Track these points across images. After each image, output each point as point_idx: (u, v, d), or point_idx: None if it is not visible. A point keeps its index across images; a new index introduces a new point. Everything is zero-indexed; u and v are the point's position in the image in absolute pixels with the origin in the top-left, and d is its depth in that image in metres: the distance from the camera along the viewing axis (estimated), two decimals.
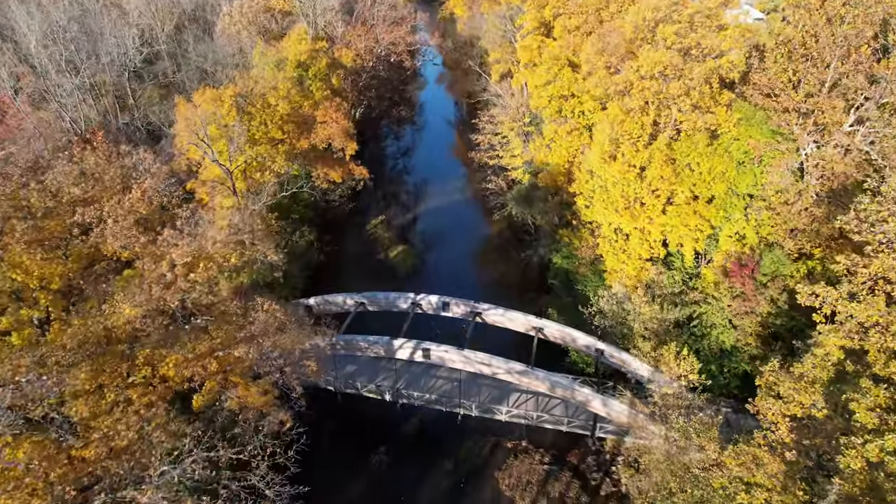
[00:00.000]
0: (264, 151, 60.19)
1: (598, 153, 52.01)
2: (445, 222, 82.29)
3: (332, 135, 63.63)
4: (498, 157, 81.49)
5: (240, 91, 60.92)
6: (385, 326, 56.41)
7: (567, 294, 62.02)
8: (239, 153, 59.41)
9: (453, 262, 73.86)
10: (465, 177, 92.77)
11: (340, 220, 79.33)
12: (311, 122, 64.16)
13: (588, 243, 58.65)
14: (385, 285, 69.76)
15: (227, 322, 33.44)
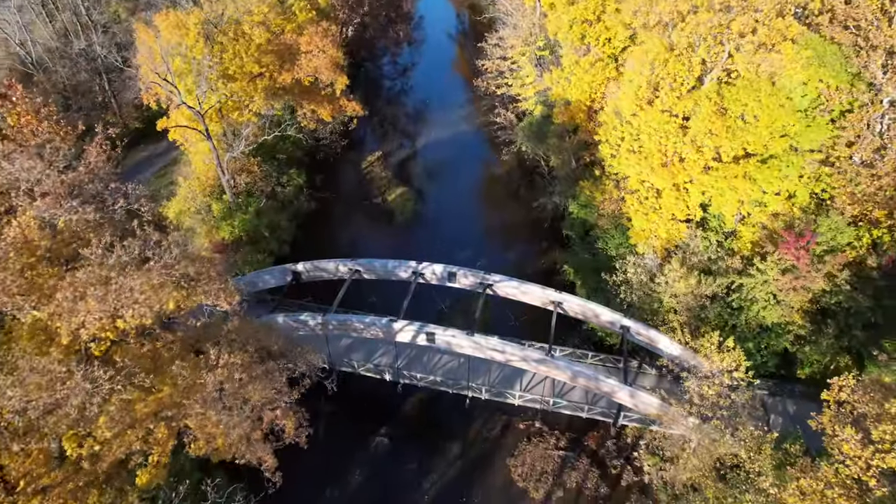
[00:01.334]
0: (240, 89, 51.24)
1: (630, 97, 43.46)
2: (448, 160, 73.99)
3: (319, 67, 54.28)
4: (507, 85, 71.94)
5: (207, 17, 51.09)
6: (383, 298, 50.28)
7: (585, 249, 55.24)
8: (210, 91, 50.55)
9: (457, 208, 66.43)
10: (470, 105, 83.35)
11: (332, 159, 71.07)
12: (294, 53, 54.57)
13: (612, 197, 51.13)
14: (382, 235, 63.17)
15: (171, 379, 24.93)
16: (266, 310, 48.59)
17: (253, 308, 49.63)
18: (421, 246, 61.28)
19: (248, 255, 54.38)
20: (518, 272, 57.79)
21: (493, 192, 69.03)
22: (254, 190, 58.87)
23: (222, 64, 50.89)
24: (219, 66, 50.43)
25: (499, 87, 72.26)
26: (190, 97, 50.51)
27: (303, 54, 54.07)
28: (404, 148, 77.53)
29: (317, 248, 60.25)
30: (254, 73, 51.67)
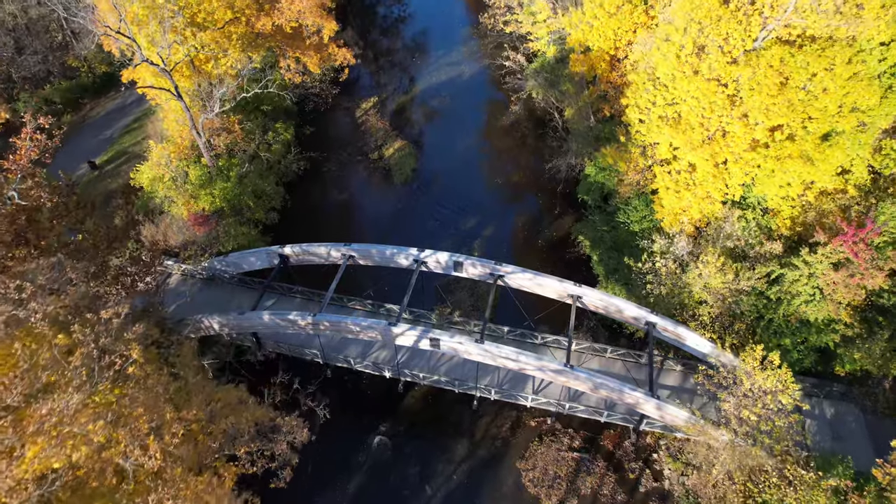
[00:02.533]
0: (211, 39, 43.65)
1: (669, 59, 36.38)
2: (450, 107, 66.59)
3: (303, 11, 46.33)
4: (516, 21, 63.51)
5: None
6: (381, 283, 45.03)
7: (603, 220, 49.39)
8: (177, 44, 43.03)
9: (460, 166, 59.85)
10: (473, 42, 74.51)
11: (323, 109, 63.56)
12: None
13: (637, 165, 44.82)
14: (379, 198, 57.15)
15: None
16: (251, 297, 43.59)
17: (237, 293, 44.68)
18: (422, 211, 55.46)
19: (232, 228, 48.61)
20: (528, 243, 52.71)
21: (501, 146, 62.15)
22: (235, 151, 52.27)
23: (189, 9, 43.07)
24: (185, 13, 42.66)
25: (506, 23, 63.93)
26: (153, 50, 43.06)
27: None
28: (401, 91, 69.71)
29: (308, 215, 54.61)
30: (227, 19, 43.85)
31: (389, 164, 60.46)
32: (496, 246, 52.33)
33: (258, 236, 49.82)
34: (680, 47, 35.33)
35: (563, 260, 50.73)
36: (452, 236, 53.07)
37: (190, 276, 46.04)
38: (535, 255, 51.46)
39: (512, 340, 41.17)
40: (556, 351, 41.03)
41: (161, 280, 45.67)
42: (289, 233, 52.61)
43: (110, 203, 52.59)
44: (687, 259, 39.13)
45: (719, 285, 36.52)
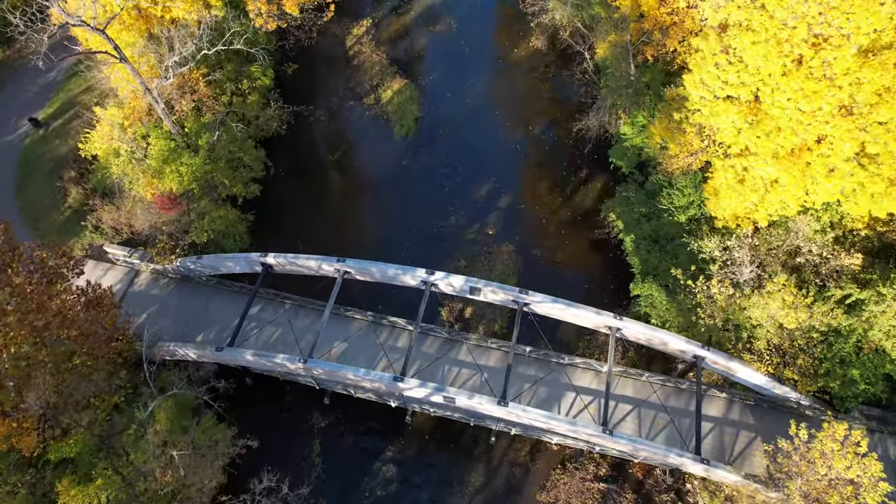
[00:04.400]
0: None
1: (764, 41, 26.89)
2: (457, 35, 55.29)
3: None
4: None
5: None
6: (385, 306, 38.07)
7: (640, 199, 41.42)
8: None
9: (470, 114, 50.35)
10: None
11: (307, 43, 52.23)
12: None
13: (690, 148, 36.27)
14: (377, 157, 48.67)
15: None
16: (232, 303, 37.11)
17: (216, 297, 38.09)
18: (427, 174, 47.20)
19: (206, 211, 40.82)
20: (549, 218, 45.08)
21: (518, 88, 51.99)
22: (204, 110, 42.87)
23: None
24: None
25: None
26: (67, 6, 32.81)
27: None
28: (399, 11, 57.75)
29: (295, 183, 46.55)
30: None
31: (388, 110, 50.90)
32: (511, 222, 44.86)
33: (237, 218, 42.14)
34: (781, 26, 25.79)
35: (590, 241, 43.66)
36: (462, 208, 45.37)
37: (161, 275, 39.13)
38: (556, 235, 44.22)
39: (535, 360, 35.41)
40: (585, 373, 35.37)
41: (126, 282, 38.87)
42: (273, 209, 44.90)
43: (61, 174, 44.05)
44: (747, 276, 32.19)
45: (791, 324, 30.03)
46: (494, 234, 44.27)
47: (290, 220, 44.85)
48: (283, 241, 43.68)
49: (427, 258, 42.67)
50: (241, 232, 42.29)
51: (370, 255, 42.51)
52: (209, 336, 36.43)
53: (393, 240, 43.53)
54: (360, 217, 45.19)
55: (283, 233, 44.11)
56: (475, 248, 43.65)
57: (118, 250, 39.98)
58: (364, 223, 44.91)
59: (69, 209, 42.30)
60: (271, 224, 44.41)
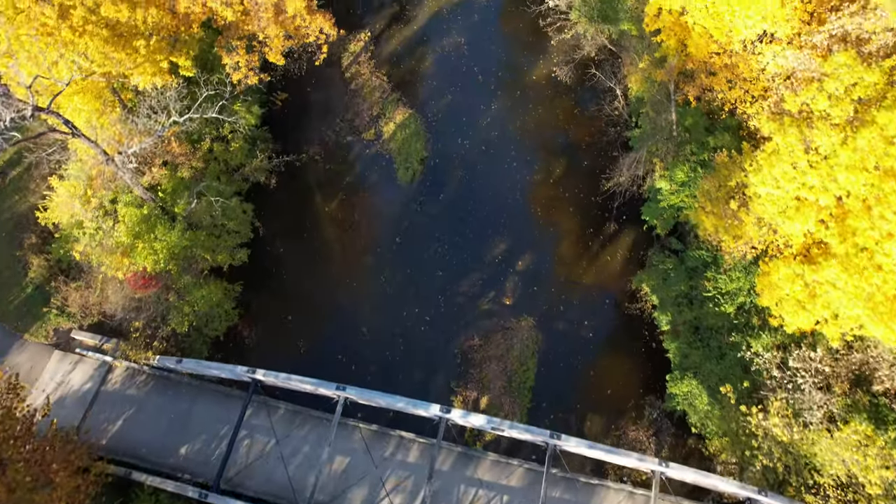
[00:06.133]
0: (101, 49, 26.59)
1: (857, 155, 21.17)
2: (466, 53, 48.10)
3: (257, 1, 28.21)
4: None
5: None
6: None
7: (680, 274, 36.02)
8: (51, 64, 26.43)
9: (482, 152, 44.08)
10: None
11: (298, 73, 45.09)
12: None
13: (748, 239, 30.60)
14: (380, 208, 42.73)
15: None
16: (220, 410, 32.44)
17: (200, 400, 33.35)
18: (435, 227, 41.62)
19: (186, 288, 35.55)
20: (574, 284, 39.78)
21: (537, 125, 45.20)
22: (180, 167, 36.81)
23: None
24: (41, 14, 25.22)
25: None
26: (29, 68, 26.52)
27: None
28: (400, 22, 50.30)
29: (288, 243, 41.22)
30: (122, 17, 26.31)
31: (390, 148, 44.69)
32: (530, 289, 39.65)
33: (223, 295, 36.83)
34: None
35: (621, 315, 38.57)
36: (475, 272, 40.12)
37: (137, 371, 34.20)
38: (581, 306, 39.11)
39: (561, 479, 31.01)
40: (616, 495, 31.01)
41: (98, 379, 33.95)
42: (265, 274, 39.67)
43: (21, 239, 38.33)
44: (816, 417, 27.39)
45: (870, 477, 25.47)
46: (512, 305, 39.16)
47: (283, 288, 39.68)
48: (276, 317, 38.81)
49: (436, 337, 38.05)
50: (227, 309, 37.11)
51: (374, 334, 38.09)
52: (194, 448, 31.95)
53: (398, 314, 38.56)
54: (361, 284, 39.87)
55: (276, 305, 39.05)
56: (491, 321, 38.66)
57: (87, 338, 35.00)
58: (365, 293, 39.61)
59: (31, 284, 36.88)
60: (263, 293, 39.32)
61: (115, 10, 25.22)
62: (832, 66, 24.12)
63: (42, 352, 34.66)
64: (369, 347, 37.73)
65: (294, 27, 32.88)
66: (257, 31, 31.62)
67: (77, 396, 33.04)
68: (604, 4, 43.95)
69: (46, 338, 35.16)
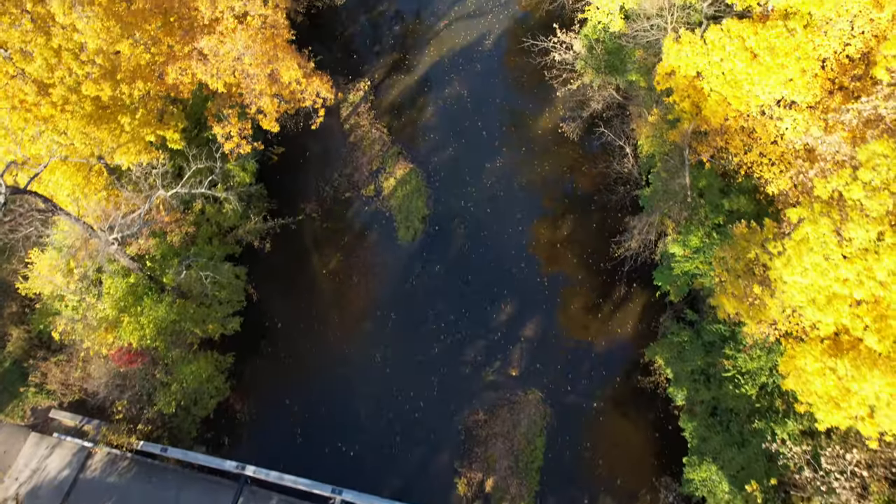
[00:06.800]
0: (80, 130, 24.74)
1: None
2: (467, 102, 46.48)
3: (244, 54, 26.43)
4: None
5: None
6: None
7: (695, 348, 34.02)
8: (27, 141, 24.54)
9: (485, 209, 42.27)
10: (504, 11, 51.26)
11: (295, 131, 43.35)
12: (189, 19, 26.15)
13: (771, 322, 28.67)
14: (380, 269, 40.93)
15: None
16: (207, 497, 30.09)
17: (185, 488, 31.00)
18: (437, 290, 39.61)
19: (174, 363, 33.40)
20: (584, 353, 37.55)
21: (543, 181, 43.12)
22: (170, 233, 34.85)
23: (37, 61, 23.66)
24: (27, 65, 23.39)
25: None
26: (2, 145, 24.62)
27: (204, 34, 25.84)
28: (400, 70, 48.73)
29: (284, 308, 39.35)
30: (104, 93, 24.48)
31: (391, 205, 42.87)
32: (538, 358, 37.56)
33: (214, 369, 34.67)
34: None
35: (633, 387, 36.44)
36: (479, 339, 38.12)
37: (120, 457, 31.85)
38: (591, 377, 37.03)
39: None
40: None
41: (77, 465, 31.60)
42: (259, 342, 37.61)
43: (0, 307, 36.20)
44: None
45: None
46: (518, 376, 37.06)
47: (278, 355, 37.62)
48: (270, 389, 36.66)
49: (439, 410, 35.90)
50: (218, 384, 34.91)
51: (373, 406, 35.96)
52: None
53: (399, 385, 36.46)
54: (360, 352, 37.76)
55: (270, 374, 36.97)
56: (496, 393, 36.54)
57: (67, 418, 32.73)
58: (364, 361, 37.48)
59: (9, 358, 34.63)
60: (257, 361, 37.31)
61: (96, 89, 23.42)
62: (867, 155, 22.40)
63: (17, 434, 32.35)
64: (368, 422, 35.54)
65: (289, 91, 31.10)
66: (250, 102, 29.77)
67: (53, 486, 30.69)
68: (611, 56, 42.70)
69: (23, 418, 32.88)
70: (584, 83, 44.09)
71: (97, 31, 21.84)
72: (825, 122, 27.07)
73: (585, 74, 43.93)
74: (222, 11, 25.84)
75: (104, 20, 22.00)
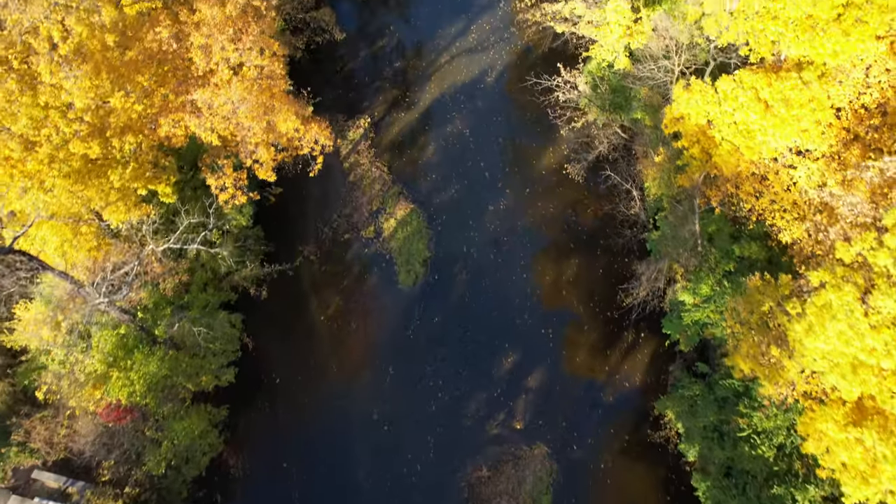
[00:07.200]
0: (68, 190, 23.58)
1: None
2: (469, 141, 45.43)
3: (240, 105, 25.40)
4: (567, 20, 42.33)
5: None
6: None
7: (708, 403, 32.62)
8: None
9: (488, 252, 40.99)
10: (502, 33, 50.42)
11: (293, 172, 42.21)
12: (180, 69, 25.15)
13: (789, 380, 27.31)
14: (377, 316, 39.41)
15: None
16: None
17: None
18: (438, 338, 38.20)
19: (165, 419, 31.92)
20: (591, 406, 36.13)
21: (546, 224, 41.60)
22: (162, 284, 33.58)
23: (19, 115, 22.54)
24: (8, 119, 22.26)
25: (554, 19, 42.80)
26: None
27: (197, 86, 24.79)
28: (401, 106, 47.75)
29: (280, 356, 38.02)
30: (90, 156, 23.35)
31: (391, 247, 41.67)
32: (543, 411, 36.11)
33: (207, 424, 33.21)
34: None
35: (643, 442, 34.92)
36: (483, 390, 36.74)
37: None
38: (598, 430, 35.55)
39: None
40: None
41: None
42: (253, 393, 36.18)
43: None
44: None
45: None
46: (523, 430, 35.56)
47: (274, 407, 36.18)
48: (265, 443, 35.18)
49: (442, 465, 34.37)
50: (211, 440, 33.39)
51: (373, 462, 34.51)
52: None
53: (399, 439, 34.96)
54: (359, 403, 36.31)
55: (266, 428, 35.49)
56: (500, 448, 35.04)
57: (51, 479, 31.18)
58: (363, 412, 36.03)
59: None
60: (252, 413, 35.90)
61: (84, 147, 22.33)
62: (894, 220, 21.25)
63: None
64: (366, 482, 34.01)
65: (287, 139, 30.05)
66: (246, 155, 28.62)
67: None
68: (615, 94, 41.94)
69: (3, 479, 31.28)
70: (589, 121, 43.30)
71: (85, 89, 20.85)
72: (843, 176, 25.99)
73: (589, 112, 43.10)
74: (217, 63, 24.91)
75: (93, 78, 20.99)
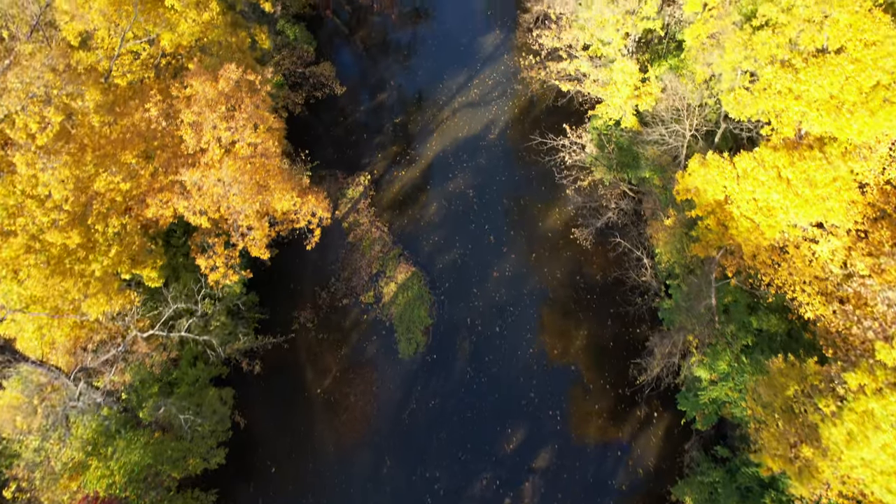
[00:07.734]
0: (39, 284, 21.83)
1: None
2: (472, 201, 43.95)
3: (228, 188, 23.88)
4: (573, 78, 41.30)
5: None
6: None
7: (730, 493, 30.39)
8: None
9: (491, 319, 39.05)
10: (507, 84, 49.63)
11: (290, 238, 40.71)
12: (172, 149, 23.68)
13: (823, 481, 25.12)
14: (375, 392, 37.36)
15: None
16: None
17: None
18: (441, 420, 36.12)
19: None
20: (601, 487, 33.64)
21: (553, 292, 39.53)
22: (148, 361, 31.60)
23: None
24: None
25: (562, 79, 41.69)
26: None
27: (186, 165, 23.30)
28: (402, 162, 46.43)
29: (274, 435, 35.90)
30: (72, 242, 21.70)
31: (391, 314, 39.79)
32: (552, 492, 33.69)
33: None
34: None
35: None
36: (488, 468, 34.39)
37: None
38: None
39: None
40: None
41: None
42: (242, 477, 33.82)
43: None
44: None
45: None
46: None
47: (267, 491, 33.75)
48: None
49: None
50: None
51: None
52: None
53: None
54: (357, 487, 33.94)
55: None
56: None
57: None
58: (361, 497, 33.63)
59: None
60: (242, 497, 33.42)
61: (63, 237, 20.72)
62: None
63: None
64: None
65: (282, 213, 28.49)
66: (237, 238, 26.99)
67: None
68: (623, 153, 40.73)
69: None
70: (595, 179, 41.99)
71: (64, 180, 19.35)
72: (876, 263, 24.28)
73: (596, 171, 41.84)
74: (208, 142, 23.49)
75: (72, 167, 19.52)
